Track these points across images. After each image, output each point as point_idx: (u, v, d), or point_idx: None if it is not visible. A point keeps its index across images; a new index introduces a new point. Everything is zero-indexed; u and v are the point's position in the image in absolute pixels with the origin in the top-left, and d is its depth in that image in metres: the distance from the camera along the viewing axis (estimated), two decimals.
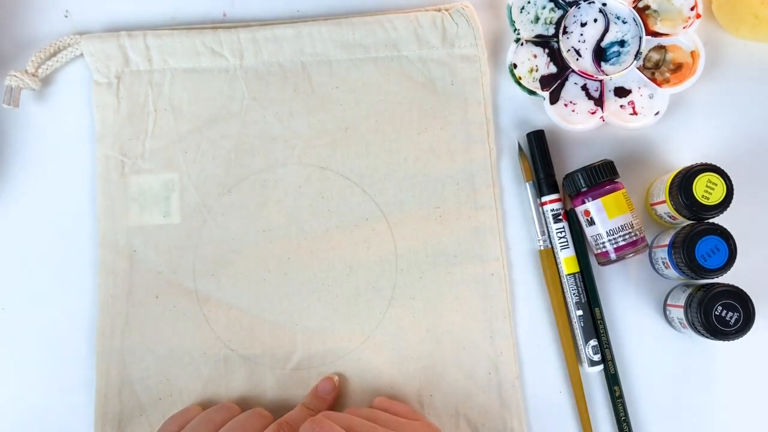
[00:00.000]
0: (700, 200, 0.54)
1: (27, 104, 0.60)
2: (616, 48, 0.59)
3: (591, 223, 0.57)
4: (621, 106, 0.59)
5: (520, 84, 0.59)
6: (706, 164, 0.55)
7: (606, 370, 0.57)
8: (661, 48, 0.59)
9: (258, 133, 0.59)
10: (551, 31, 0.59)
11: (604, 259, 0.57)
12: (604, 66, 0.59)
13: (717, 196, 0.54)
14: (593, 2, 0.59)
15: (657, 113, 0.58)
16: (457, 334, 0.57)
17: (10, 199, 0.60)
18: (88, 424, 0.57)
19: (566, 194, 0.59)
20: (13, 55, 0.61)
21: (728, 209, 0.54)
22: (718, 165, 0.54)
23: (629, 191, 0.58)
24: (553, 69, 0.59)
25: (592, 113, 0.59)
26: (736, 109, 0.60)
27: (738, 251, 0.54)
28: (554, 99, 0.59)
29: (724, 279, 0.55)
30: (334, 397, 0.56)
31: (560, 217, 0.58)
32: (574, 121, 0.59)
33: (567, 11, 0.59)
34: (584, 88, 0.59)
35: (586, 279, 0.58)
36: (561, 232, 0.58)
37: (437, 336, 0.57)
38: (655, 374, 0.58)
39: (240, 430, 0.52)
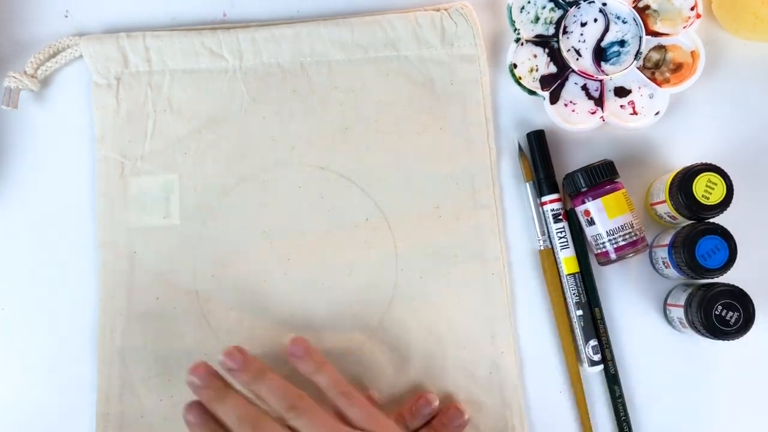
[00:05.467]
0: (700, 200, 0.54)
1: (26, 106, 0.60)
2: (616, 48, 0.59)
3: (591, 223, 0.57)
4: (621, 106, 0.59)
5: (520, 84, 0.59)
6: (706, 164, 0.55)
7: (606, 370, 0.57)
8: (661, 48, 0.59)
9: (257, 134, 0.59)
10: (551, 31, 0.59)
11: (604, 259, 0.57)
12: (604, 66, 0.59)
13: (717, 196, 0.54)
14: (593, 2, 0.59)
15: (657, 113, 0.58)
16: (458, 333, 0.57)
17: (9, 201, 0.60)
18: (89, 426, 0.57)
19: (566, 194, 0.59)
20: (12, 55, 0.60)
21: (728, 209, 0.54)
22: (718, 165, 0.54)
23: (629, 191, 0.58)
24: (553, 69, 0.59)
25: (592, 113, 0.59)
26: (736, 109, 0.60)
27: (738, 251, 0.54)
28: (554, 99, 0.59)
29: (724, 279, 0.55)
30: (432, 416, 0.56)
31: (560, 217, 0.58)
32: (574, 121, 0.59)
33: (567, 11, 0.59)
34: (584, 88, 0.59)
35: (586, 279, 0.58)
36: (561, 232, 0.58)
37: (438, 336, 0.57)
38: (655, 374, 0.58)
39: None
